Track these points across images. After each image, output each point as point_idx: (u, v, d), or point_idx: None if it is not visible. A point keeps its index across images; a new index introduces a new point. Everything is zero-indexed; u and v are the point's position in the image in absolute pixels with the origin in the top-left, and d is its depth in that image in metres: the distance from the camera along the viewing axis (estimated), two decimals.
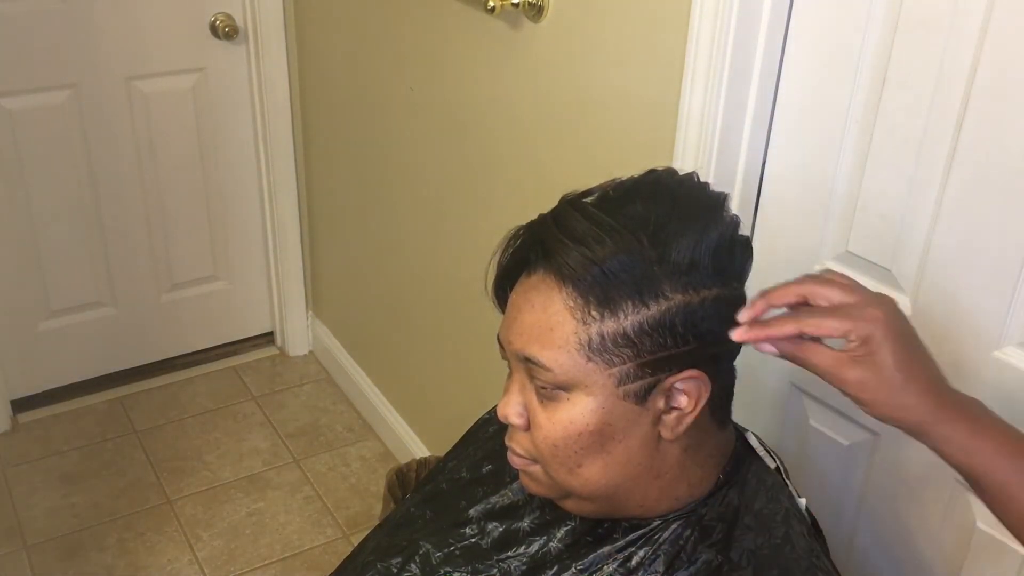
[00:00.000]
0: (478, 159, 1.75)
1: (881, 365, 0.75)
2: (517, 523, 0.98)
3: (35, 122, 2.22)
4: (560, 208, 0.83)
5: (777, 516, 0.89)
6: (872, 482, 1.20)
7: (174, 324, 2.62)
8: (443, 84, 1.80)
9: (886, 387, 0.75)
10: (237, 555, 2.09)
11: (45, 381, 2.50)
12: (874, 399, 0.76)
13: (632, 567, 0.87)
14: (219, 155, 2.49)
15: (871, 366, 0.75)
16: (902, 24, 1.02)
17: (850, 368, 0.76)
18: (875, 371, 0.75)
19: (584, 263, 0.78)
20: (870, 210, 1.11)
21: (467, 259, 1.86)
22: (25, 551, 2.07)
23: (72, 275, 2.41)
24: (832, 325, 0.76)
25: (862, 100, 1.08)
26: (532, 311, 0.82)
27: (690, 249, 0.79)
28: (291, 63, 2.41)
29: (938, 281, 1.05)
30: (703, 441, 0.87)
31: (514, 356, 0.85)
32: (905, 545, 1.18)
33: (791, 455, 1.27)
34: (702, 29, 1.17)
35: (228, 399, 2.57)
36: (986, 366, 1.03)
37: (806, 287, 0.80)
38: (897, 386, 0.75)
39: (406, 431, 2.31)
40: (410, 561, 1.00)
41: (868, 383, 0.76)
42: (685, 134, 1.23)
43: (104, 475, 2.29)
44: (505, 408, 0.87)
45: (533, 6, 1.46)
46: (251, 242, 2.64)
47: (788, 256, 1.22)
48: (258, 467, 2.34)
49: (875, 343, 0.75)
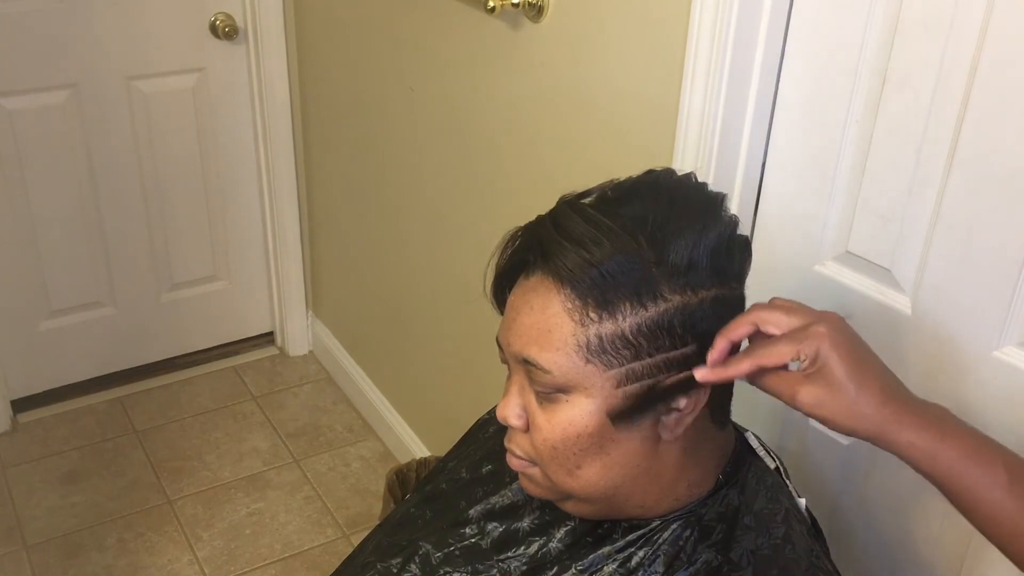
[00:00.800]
0: (478, 159, 1.75)
1: (831, 378, 0.76)
2: (517, 523, 0.98)
3: (35, 122, 2.22)
4: (558, 209, 0.83)
5: (777, 516, 0.89)
6: (872, 482, 1.20)
7: (174, 324, 2.62)
8: (443, 84, 1.80)
9: (840, 399, 0.76)
10: (237, 555, 2.09)
11: (45, 381, 2.50)
12: (832, 413, 0.77)
13: (632, 567, 0.87)
14: (219, 155, 2.49)
15: (822, 381, 0.77)
16: (902, 24, 1.02)
17: (804, 387, 0.77)
18: (827, 385, 0.76)
19: (582, 265, 0.78)
20: (870, 210, 1.11)
21: (467, 259, 1.86)
22: (25, 551, 2.07)
23: (72, 275, 2.41)
24: (782, 351, 0.78)
25: (862, 100, 1.08)
26: (531, 313, 0.82)
27: (688, 250, 0.79)
28: (291, 63, 2.41)
29: (938, 281, 1.05)
30: (703, 441, 0.87)
31: (513, 358, 0.85)
32: (905, 545, 1.18)
33: (791, 455, 1.27)
34: (702, 29, 1.17)
35: (228, 399, 2.58)
36: (986, 366, 1.03)
37: (754, 315, 0.81)
38: (851, 396, 0.76)
39: (406, 431, 2.32)
40: (410, 561, 1.00)
41: (823, 398, 0.77)
42: (685, 134, 1.23)
43: (104, 475, 2.29)
44: (504, 410, 0.86)
45: (533, 6, 1.46)
46: (251, 242, 2.64)
47: (788, 256, 1.22)
48: (258, 467, 2.34)
49: (822, 358, 0.77)
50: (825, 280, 1.18)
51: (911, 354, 1.10)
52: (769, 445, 0.98)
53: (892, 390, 0.78)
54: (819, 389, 0.77)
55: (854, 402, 0.76)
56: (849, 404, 0.76)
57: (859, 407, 0.76)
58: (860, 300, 1.14)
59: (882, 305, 1.12)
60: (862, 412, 0.76)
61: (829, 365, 0.76)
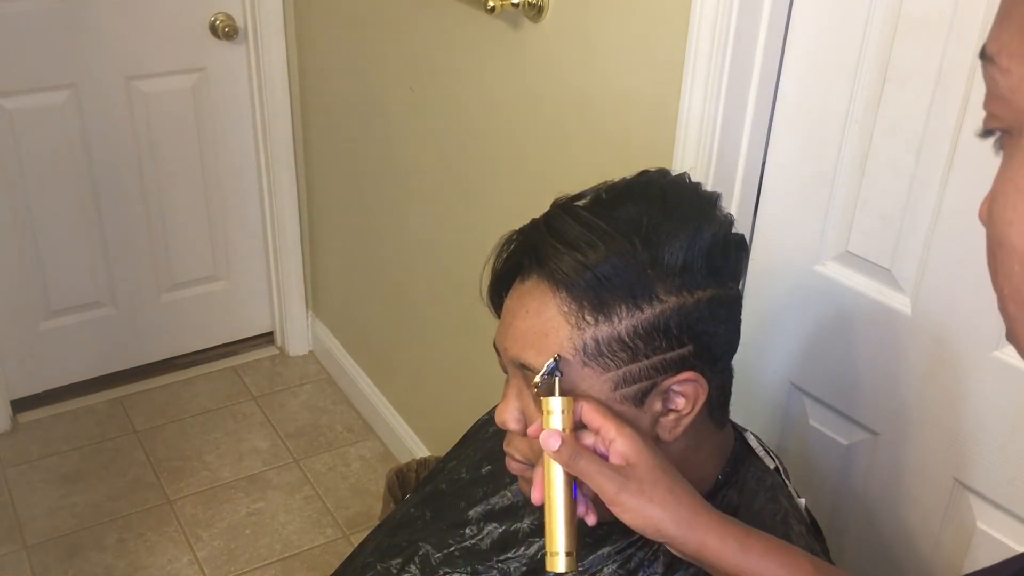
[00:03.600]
0: (478, 159, 1.75)
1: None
2: (516, 524, 0.98)
3: (35, 122, 2.22)
4: (552, 213, 0.83)
5: (776, 516, 0.89)
6: (872, 482, 1.20)
7: (174, 324, 2.62)
8: (443, 84, 1.80)
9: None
10: (237, 555, 2.09)
11: (45, 381, 2.50)
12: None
13: (632, 568, 0.87)
14: (219, 155, 2.49)
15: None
16: (902, 24, 1.02)
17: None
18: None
19: (577, 268, 0.78)
20: (870, 210, 1.11)
21: (467, 258, 1.86)
22: (25, 551, 2.07)
23: (72, 275, 2.41)
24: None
25: (862, 100, 1.08)
26: (527, 317, 0.82)
27: (683, 251, 0.79)
28: (291, 63, 2.41)
29: (938, 281, 1.05)
30: (701, 442, 0.87)
31: (510, 362, 0.85)
32: (905, 545, 1.18)
33: (791, 455, 1.27)
34: (702, 29, 1.16)
35: (228, 399, 2.57)
36: (986, 366, 1.02)
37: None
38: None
39: (406, 431, 2.31)
40: (410, 562, 1.00)
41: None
42: (685, 134, 1.23)
43: (104, 475, 2.29)
44: (503, 414, 0.86)
45: (533, 6, 1.46)
46: (251, 242, 2.64)
47: (788, 256, 1.22)
48: (258, 467, 2.34)
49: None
50: (825, 280, 1.18)
51: (911, 354, 1.10)
52: (769, 445, 0.98)
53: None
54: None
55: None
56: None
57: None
58: (860, 300, 1.14)
59: (882, 305, 1.12)
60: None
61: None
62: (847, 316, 1.16)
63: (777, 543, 0.78)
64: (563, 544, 0.76)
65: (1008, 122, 0.46)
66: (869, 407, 1.17)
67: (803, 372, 1.25)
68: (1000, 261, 0.47)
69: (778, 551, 0.77)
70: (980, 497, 1.08)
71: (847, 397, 1.19)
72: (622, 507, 0.75)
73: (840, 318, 1.17)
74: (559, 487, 0.77)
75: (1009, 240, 0.46)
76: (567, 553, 0.76)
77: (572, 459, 0.75)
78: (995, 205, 0.47)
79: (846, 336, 1.17)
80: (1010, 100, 0.45)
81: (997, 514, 1.07)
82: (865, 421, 1.18)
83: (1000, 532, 1.07)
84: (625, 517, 0.75)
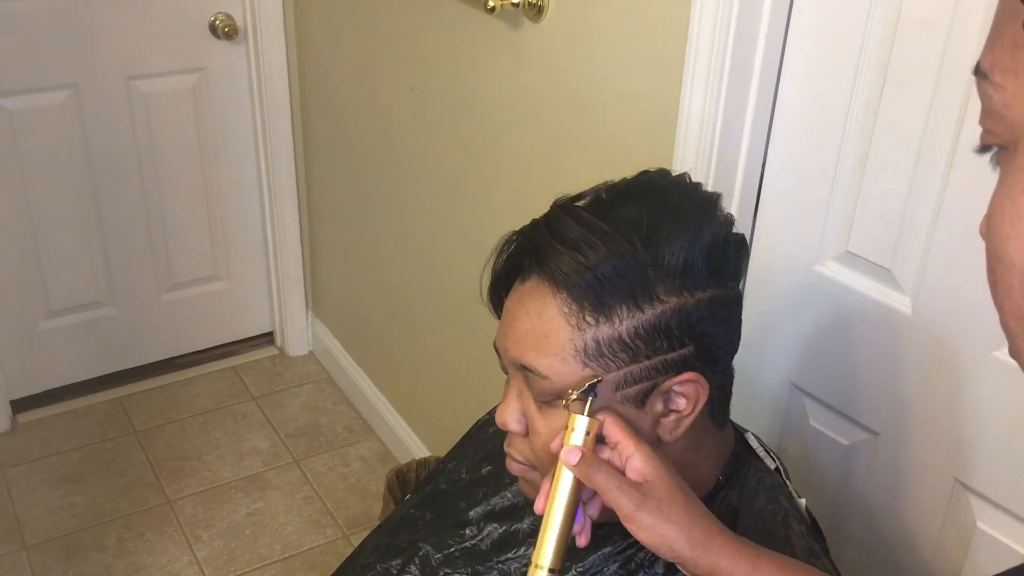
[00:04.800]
0: (478, 159, 1.75)
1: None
2: (517, 524, 0.97)
3: (35, 122, 2.22)
4: (552, 213, 0.83)
5: (777, 517, 0.89)
6: (872, 482, 1.20)
7: (174, 324, 2.62)
8: (443, 84, 1.80)
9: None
10: (237, 555, 2.09)
11: (45, 381, 2.49)
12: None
13: (632, 569, 0.87)
14: (219, 155, 2.49)
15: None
16: (902, 24, 1.02)
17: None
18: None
19: (577, 269, 0.78)
20: (870, 210, 1.11)
21: (467, 259, 1.86)
22: (25, 551, 2.07)
23: (72, 275, 2.41)
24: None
25: (862, 100, 1.08)
26: (527, 318, 0.82)
27: (683, 251, 0.79)
28: (291, 63, 2.41)
29: (938, 281, 1.05)
30: (702, 442, 0.87)
31: (511, 363, 0.85)
32: (905, 545, 1.18)
33: (791, 455, 1.27)
34: (702, 29, 1.16)
35: (228, 399, 2.57)
36: (986, 366, 1.02)
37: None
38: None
39: (406, 431, 2.31)
40: (410, 563, 1.00)
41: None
42: (685, 134, 1.23)
43: (104, 475, 2.29)
44: (503, 415, 0.86)
45: (533, 6, 1.46)
46: (251, 242, 2.64)
47: (788, 256, 1.22)
48: (258, 467, 2.34)
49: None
50: (825, 280, 1.18)
51: (911, 354, 1.10)
52: (769, 445, 0.98)
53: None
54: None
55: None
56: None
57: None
58: (860, 300, 1.14)
59: (882, 305, 1.12)
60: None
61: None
62: (847, 316, 1.16)
63: (790, 563, 0.78)
64: (550, 560, 0.77)
65: (1004, 137, 0.46)
66: (869, 407, 1.17)
67: (803, 372, 1.25)
68: (999, 277, 0.47)
69: (791, 571, 0.77)
70: (980, 497, 1.08)
71: (847, 397, 1.20)
72: (639, 524, 0.75)
73: (840, 318, 1.17)
74: (563, 503, 0.77)
75: (1007, 256, 0.46)
76: (550, 570, 0.77)
77: (591, 472, 0.76)
78: (993, 221, 0.47)
79: (846, 336, 1.17)
80: (1004, 115, 0.45)
81: (997, 514, 1.07)
82: (865, 421, 1.18)
83: (1000, 532, 1.07)
84: (641, 535, 0.75)
